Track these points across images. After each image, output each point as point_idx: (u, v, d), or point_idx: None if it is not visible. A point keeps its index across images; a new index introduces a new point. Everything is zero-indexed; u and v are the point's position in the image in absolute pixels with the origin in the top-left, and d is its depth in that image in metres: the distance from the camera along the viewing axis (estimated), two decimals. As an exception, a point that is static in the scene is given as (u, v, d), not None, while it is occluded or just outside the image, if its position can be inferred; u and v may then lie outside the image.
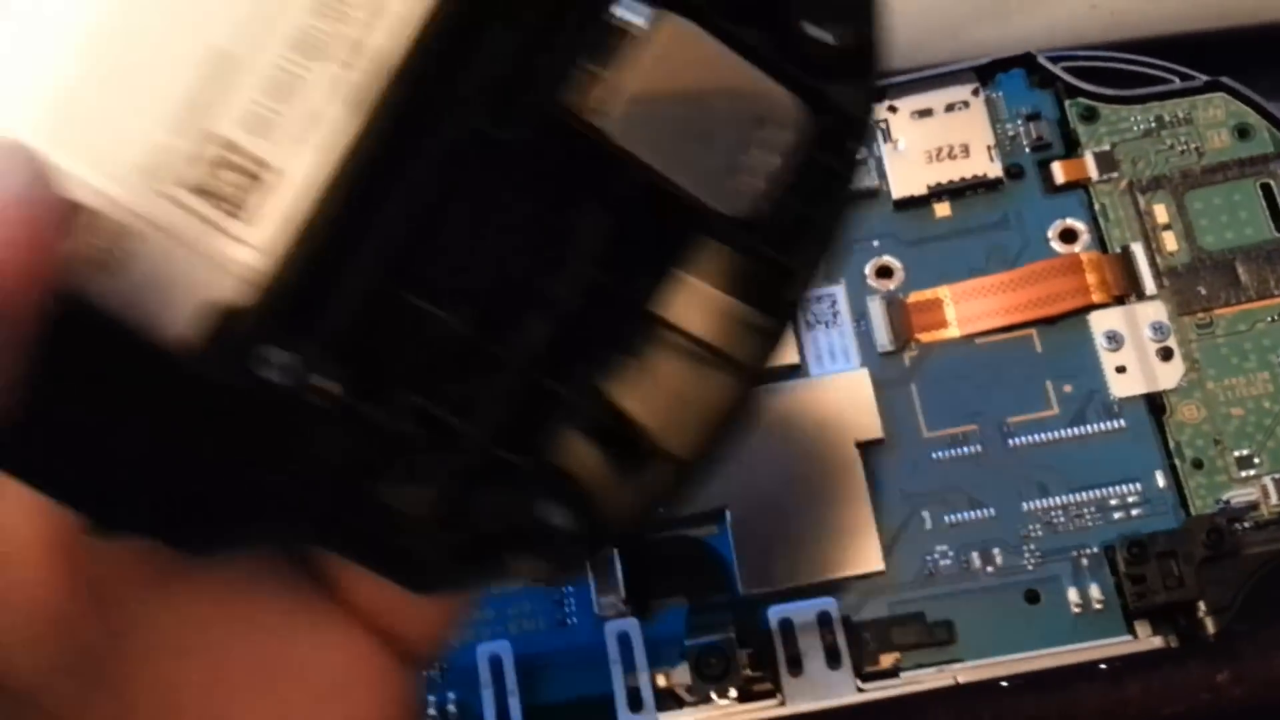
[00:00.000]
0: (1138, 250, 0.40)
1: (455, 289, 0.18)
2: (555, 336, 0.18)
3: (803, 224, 0.19)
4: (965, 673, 0.36)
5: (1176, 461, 0.38)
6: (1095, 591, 0.37)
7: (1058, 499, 0.38)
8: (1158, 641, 0.36)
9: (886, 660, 0.37)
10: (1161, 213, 0.40)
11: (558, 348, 0.18)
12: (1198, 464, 0.38)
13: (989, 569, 0.37)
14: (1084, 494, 0.38)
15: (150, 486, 0.17)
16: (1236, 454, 0.38)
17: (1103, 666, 0.36)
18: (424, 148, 0.17)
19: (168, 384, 0.17)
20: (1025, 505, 0.38)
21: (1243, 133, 0.41)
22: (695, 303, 0.19)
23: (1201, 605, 0.36)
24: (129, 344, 0.16)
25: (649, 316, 0.19)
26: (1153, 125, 0.41)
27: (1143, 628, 0.37)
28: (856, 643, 0.37)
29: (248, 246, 0.17)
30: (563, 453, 0.19)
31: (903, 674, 0.36)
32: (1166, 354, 0.39)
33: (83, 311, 0.16)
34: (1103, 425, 0.39)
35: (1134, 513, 0.38)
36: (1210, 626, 0.36)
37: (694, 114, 0.18)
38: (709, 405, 0.19)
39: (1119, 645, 0.36)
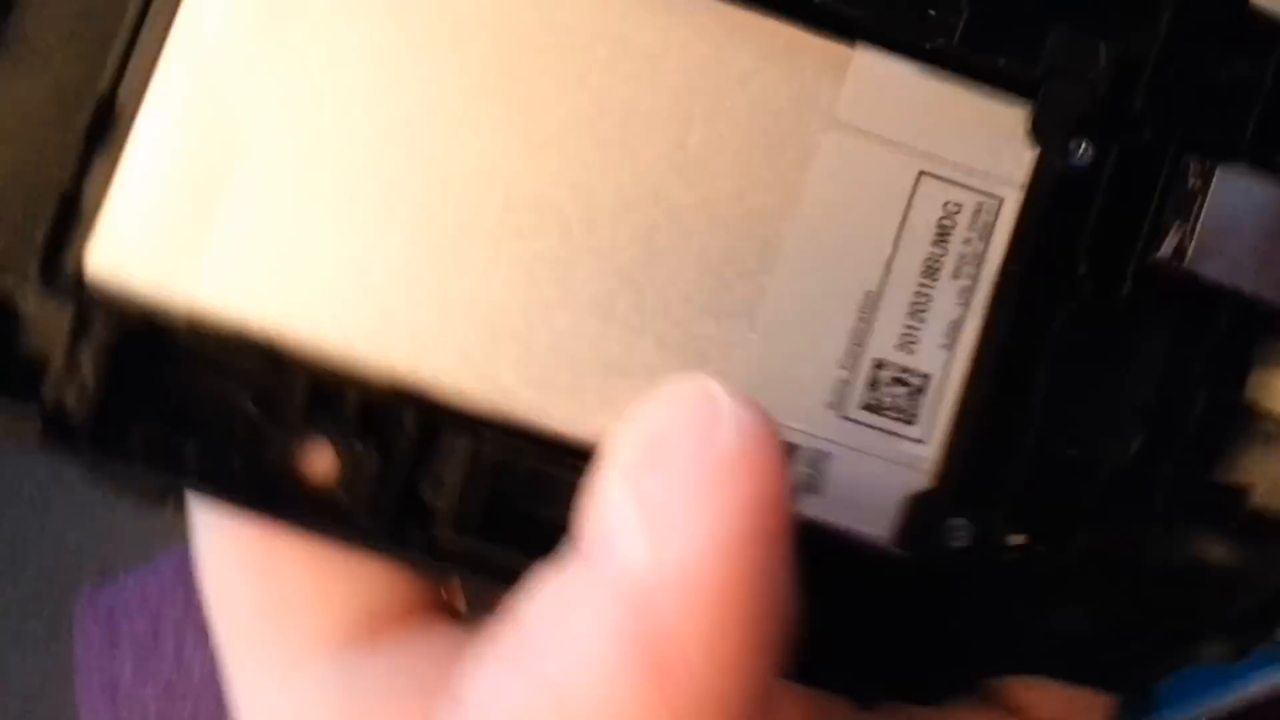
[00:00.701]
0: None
1: (1090, 429, 0.21)
2: (1184, 450, 0.21)
3: None
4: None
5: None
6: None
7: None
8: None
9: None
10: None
11: (1186, 458, 0.21)
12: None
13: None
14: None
15: (879, 660, 0.21)
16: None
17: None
18: (1044, 324, 0.21)
19: (879, 572, 0.20)
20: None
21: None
22: None
23: None
24: (838, 546, 0.20)
25: (1250, 410, 0.21)
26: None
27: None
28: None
29: (923, 444, 0.20)
30: (1203, 550, 0.21)
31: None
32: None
33: (799, 530, 0.18)
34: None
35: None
36: None
37: (1260, 240, 0.21)
38: None
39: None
